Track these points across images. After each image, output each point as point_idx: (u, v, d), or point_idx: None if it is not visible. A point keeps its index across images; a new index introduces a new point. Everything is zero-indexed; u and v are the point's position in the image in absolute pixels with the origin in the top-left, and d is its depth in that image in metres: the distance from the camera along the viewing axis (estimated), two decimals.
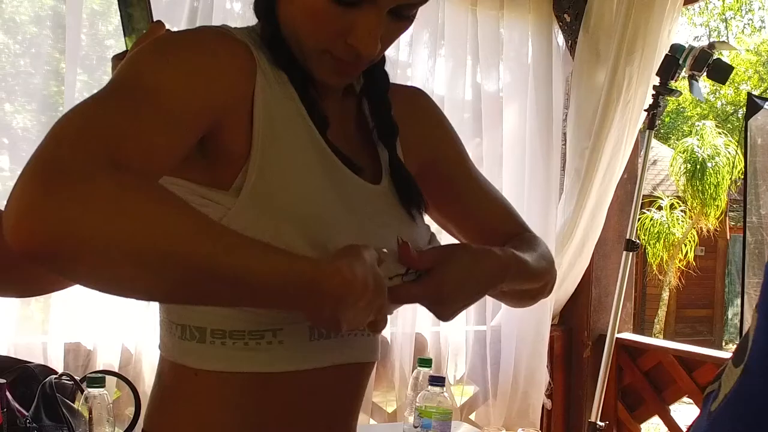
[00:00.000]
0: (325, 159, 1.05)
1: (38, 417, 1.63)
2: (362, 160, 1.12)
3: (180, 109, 0.91)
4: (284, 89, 1.05)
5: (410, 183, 1.16)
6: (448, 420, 2.00)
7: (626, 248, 3.14)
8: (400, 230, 1.09)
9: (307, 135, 1.05)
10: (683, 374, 3.21)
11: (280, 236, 0.94)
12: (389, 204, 1.13)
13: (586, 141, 3.26)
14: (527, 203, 3.27)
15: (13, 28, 2.52)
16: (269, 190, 0.98)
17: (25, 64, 2.51)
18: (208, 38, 1.00)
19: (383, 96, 1.18)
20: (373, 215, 1.09)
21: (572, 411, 3.56)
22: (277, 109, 1.02)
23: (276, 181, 0.99)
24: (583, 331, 3.50)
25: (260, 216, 0.96)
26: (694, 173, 13.11)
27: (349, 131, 1.17)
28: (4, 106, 2.46)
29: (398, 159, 1.17)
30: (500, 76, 3.28)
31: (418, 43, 3.09)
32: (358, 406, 1.19)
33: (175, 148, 0.91)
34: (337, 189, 1.05)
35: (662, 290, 13.97)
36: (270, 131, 1.00)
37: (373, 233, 1.05)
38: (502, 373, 3.27)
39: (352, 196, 1.07)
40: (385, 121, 1.17)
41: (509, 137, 3.29)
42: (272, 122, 1.01)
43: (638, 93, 3.18)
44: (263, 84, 1.02)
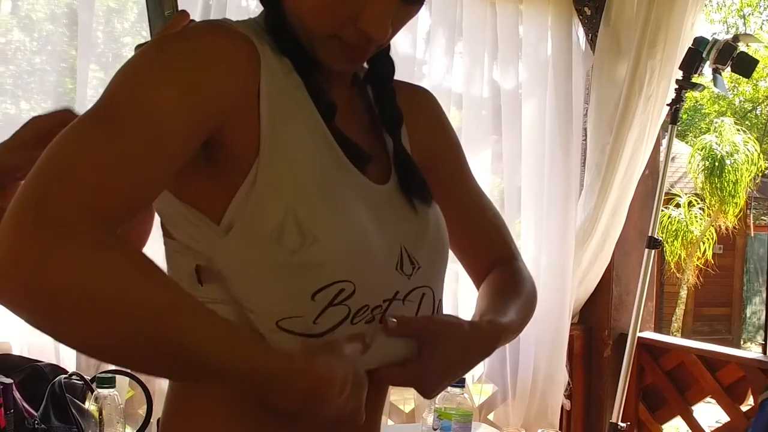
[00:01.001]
0: (332, 152, 1.01)
1: (47, 418, 1.59)
2: (372, 149, 1.08)
3: (172, 132, 0.87)
4: (289, 79, 1.01)
5: (414, 173, 1.12)
6: (468, 422, 1.95)
7: (648, 246, 3.08)
8: (401, 232, 1.06)
9: (314, 126, 1.01)
10: (706, 374, 3.15)
11: (285, 228, 0.92)
12: (392, 204, 1.08)
13: (606, 136, 3.20)
14: (546, 200, 3.22)
15: (29, 25, 2.51)
16: (278, 185, 0.94)
17: (41, 61, 2.49)
18: (204, 40, 0.94)
19: (388, 83, 1.15)
20: (377, 215, 1.04)
21: (592, 411, 3.50)
22: (283, 101, 0.98)
23: (284, 175, 0.95)
24: (604, 330, 3.44)
25: (269, 208, 0.93)
26: (713, 170, 13.00)
27: (358, 119, 1.13)
28: (20, 103, 2.45)
29: (403, 148, 1.13)
30: (519, 70, 3.22)
31: (435, 36, 3.04)
32: (381, 408, 1.15)
33: (167, 172, 0.89)
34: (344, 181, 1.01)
35: (680, 288, 13.86)
36: (276, 127, 0.96)
37: (376, 231, 1.02)
38: (521, 372, 3.21)
39: (357, 190, 1.03)
40: (390, 109, 1.14)
41: (528, 132, 3.23)
42: (278, 117, 0.97)
43: (660, 87, 3.12)
44: (268, 77, 0.97)
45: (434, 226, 1.13)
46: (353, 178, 1.03)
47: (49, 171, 0.80)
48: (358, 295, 0.96)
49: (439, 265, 1.11)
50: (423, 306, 1.06)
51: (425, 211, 1.12)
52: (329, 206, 0.97)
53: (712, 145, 13.08)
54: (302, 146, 0.98)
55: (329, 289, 0.94)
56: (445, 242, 1.15)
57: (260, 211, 0.93)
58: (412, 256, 1.05)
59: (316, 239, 0.93)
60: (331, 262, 0.94)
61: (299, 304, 0.94)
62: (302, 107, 1.00)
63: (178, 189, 0.97)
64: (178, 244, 1.00)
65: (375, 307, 0.99)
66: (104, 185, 0.81)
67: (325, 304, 0.95)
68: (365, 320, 0.98)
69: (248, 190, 0.93)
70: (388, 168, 1.11)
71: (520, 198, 3.23)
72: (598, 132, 3.26)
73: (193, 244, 0.97)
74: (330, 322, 0.95)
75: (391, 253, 1.02)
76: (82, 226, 0.76)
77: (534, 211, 3.23)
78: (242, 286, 0.95)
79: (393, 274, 1.02)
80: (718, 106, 20.45)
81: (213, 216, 0.95)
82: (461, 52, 3.10)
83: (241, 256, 0.94)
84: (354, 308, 0.97)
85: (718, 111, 19.93)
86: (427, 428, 2.13)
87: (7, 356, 1.93)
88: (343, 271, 0.95)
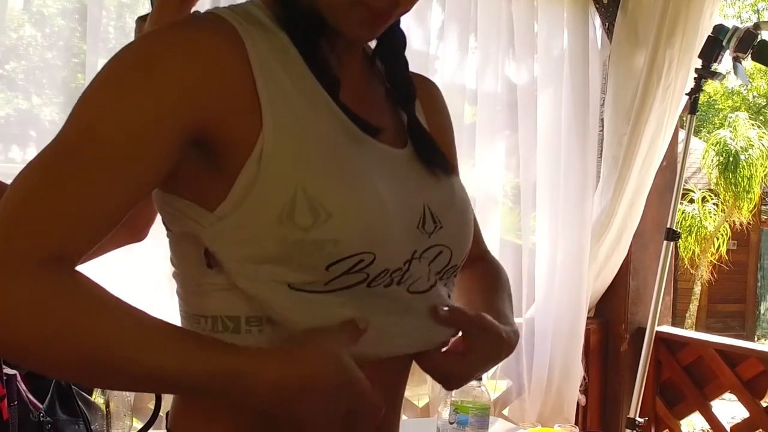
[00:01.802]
0: (340, 124, 0.97)
1: (53, 410, 1.55)
2: (387, 122, 1.05)
3: (132, 159, 0.86)
4: (288, 56, 0.97)
5: (431, 143, 1.09)
6: (485, 416, 1.90)
7: (667, 238, 3.03)
8: (424, 191, 1.03)
9: (318, 100, 0.96)
10: (725, 369, 3.11)
11: (296, 205, 0.88)
12: (412, 167, 1.05)
13: (624, 127, 3.15)
14: (563, 192, 3.17)
15: (41, 21, 2.50)
16: (284, 163, 0.90)
17: (52, 56, 2.47)
18: (176, 45, 0.90)
19: (401, 54, 1.12)
20: (397, 177, 1.01)
21: (608, 407, 3.46)
22: (280, 80, 0.94)
23: (289, 152, 0.91)
24: (621, 324, 3.39)
25: (276, 187, 0.89)
26: (727, 165, 12.92)
27: (373, 93, 1.10)
28: (32, 98, 2.43)
29: (417, 120, 1.10)
30: (535, 61, 3.17)
31: (448, 32, 2.98)
32: (401, 398, 1.11)
33: (131, 196, 0.88)
34: (356, 151, 0.97)
35: (694, 284, 13.77)
36: (276, 107, 0.92)
37: (396, 193, 0.98)
38: (536, 367, 3.16)
39: (371, 158, 0.99)
40: (404, 81, 1.11)
41: (544, 124, 3.18)
42: (277, 97, 0.93)
43: (679, 76, 3.07)
44: (258, 60, 0.92)
45: (460, 194, 1.10)
46: (366, 147, 0.99)
47: (4, 211, 0.83)
48: (378, 263, 0.93)
49: (464, 230, 1.09)
50: (436, 263, 1.03)
51: (449, 180, 1.09)
52: (340, 179, 0.93)
53: (727, 141, 12.99)
54: (306, 121, 0.94)
55: (347, 261, 0.91)
56: (471, 212, 1.12)
57: (267, 192, 0.89)
58: (436, 215, 1.02)
59: (329, 216, 0.89)
60: (348, 238, 0.91)
61: (312, 275, 0.91)
62: (303, 83, 0.96)
63: (168, 184, 0.94)
64: (178, 235, 0.98)
65: (395, 270, 0.96)
66: (52, 228, 0.83)
67: (340, 273, 0.92)
68: (384, 284, 0.96)
69: (253, 172, 0.89)
70: (405, 138, 1.08)
71: (536, 191, 3.18)
72: (615, 123, 3.21)
73: (193, 232, 0.94)
74: (344, 283, 0.93)
75: (412, 213, 1.00)
76: (29, 268, 0.80)
77: (549, 204, 3.18)
78: (249, 271, 0.92)
79: (413, 233, 0.99)
80: (731, 101, 20.35)
81: (208, 204, 0.91)
82: (475, 46, 3.04)
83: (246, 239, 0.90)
84: (373, 274, 0.94)
85: (731, 106, 19.82)
86: (442, 422, 2.09)
87: None
88: (362, 245, 0.92)
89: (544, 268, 3.18)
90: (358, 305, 0.94)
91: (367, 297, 0.95)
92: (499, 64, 3.07)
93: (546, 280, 3.18)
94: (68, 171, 0.84)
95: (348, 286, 0.93)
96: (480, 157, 2.97)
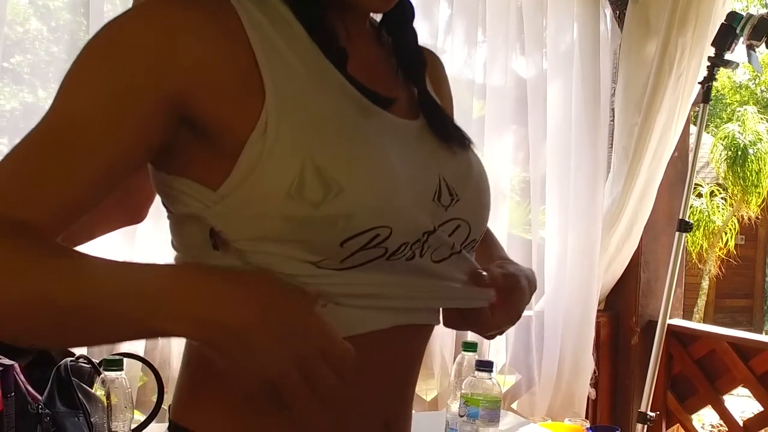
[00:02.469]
0: (348, 96, 0.93)
1: (52, 402, 1.51)
2: (399, 94, 1.02)
3: (115, 129, 0.84)
4: (290, 29, 0.93)
5: (444, 115, 1.07)
6: (497, 409, 1.86)
7: (679, 229, 2.98)
8: (440, 163, 1.00)
9: (324, 72, 0.93)
10: (738, 362, 3.06)
11: (306, 179, 0.84)
12: (425, 139, 1.02)
13: (635, 117, 3.10)
14: (573, 183, 3.12)
15: (47, 14, 2.49)
16: (290, 135, 0.86)
17: (58, 50, 2.47)
18: (157, 19, 0.86)
19: (409, 26, 1.09)
20: (410, 148, 0.97)
21: (618, 401, 3.42)
22: (282, 53, 0.90)
23: (296, 124, 0.87)
24: (631, 316, 3.35)
25: (284, 161, 0.85)
26: (735, 160, 12.88)
27: (383, 66, 1.06)
28: (38, 92, 2.42)
29: (428, 93, 1.07)
30: (544, 49, 3.12)
31: (455, 26, 2.93)
32: (416, 375, 1.08)
33: (113, 172, 0.86)
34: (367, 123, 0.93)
35: (701, 279, 13.71)
36: (278, 81, 0.88)
37: (411, 165, 0.95)
38: (546, 360, 3.12)
39: (383, 130, 0.95)
40: (413, 52, 1.08)
41: (554, 115, 3.13)
42: (279, 70, 0.89)
43: (691, 65, 3.02)
44: (258, 34, 0.89)
45: (477, 166, 1.07)
46: (377, 119, 0.95)
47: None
48: (395, 236, 0.90)
49: (481, 204, 1.06)
50: (454, 237, 1.00)
51: (465, 153, 1.06)
52: (351, 151, 0.89)
53: (735, 135, 12.93)
54: (312, 94, 0.90)
55: (361, 237, 0.87)
56: (488, 185, 1.09)
57: (274, 166, 0.85)
58: (452, 188, 0.99)
59: (341, 189, 0.85)
60: (361, 212, 0.87)
61: (325, 253, 0.88)
62: (308, 56, 0.92)
63: (168, 164, 0.92)
64: (181, 216, 0.94)
65: (414, 242, 0.93)
66: (20, 196, 0.82)
67: (355, 249, 0.88)
68: (406, 257, 0.93)
69: (258, 147, 0.85)
70: (416, 111, 1.04)
71: (545, 184, 3.13)
72: (625, 113, 3.16)
73: (196, 212, 0.90)
74: (361, 260, 0.89)
75: (427, 185, 0.97)
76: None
77: (559, 196, 3.13)
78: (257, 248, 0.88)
79: (429, 205, 0.96)
80: (739, 96, 20.24)
81: (211, 182, 0.88)
82: (483, 37, 2.99)
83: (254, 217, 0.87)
84: (392, 248, 0.90)
85: (739, 101, 19.73)
86: (452, 416, 2.05)
87: None
88: (377, 219, 0.88)
89: (554, 261, 3.14)
90: (381, 277, 0.92)
91: (390, 268, 0.92)
92: (507, 57, 3.02)
93: (556, 273, 3.13)
94: (44, 145, 0.83)
95: (365, 262, 0.89)
96: (488, 151, 2.92)
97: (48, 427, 1.50)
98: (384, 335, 0.95)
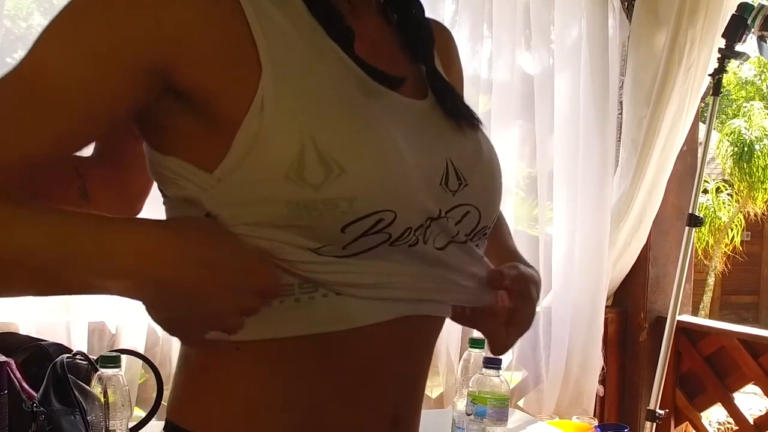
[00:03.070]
0: (352, 75, 0.88)
1: (47, 400, 1.46)
2: (405, 73, 0.96)
3: (87, 89, 0.80)
4: (290, 6, 0.88)
5: (453, 93, 1.02)
6: (505, 407, 1.81)
7: (689, 223, 2.93)
8: (447, 145, 0.95)
9: (326, 51, 0.88)
10: (749, 359, 3.00)
11: (306, 159, 0.80)
12: (432, 120, 0.97)
13: (644, 110, 3.05)
14: (581, 176, 3.06)
15: (49, 9, 2.47)
16: (289, 113, 0.82)
17: None
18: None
19: (416, 1, 1.04)
20: (416, 129, 0.92)
21: (626, 398, 3.37)
22: (284, 29, 0.85)
23: (295, 101, 0.83)
24: (639, 313, 3.30)
25: (282, 140, 0.81)
26: (741, 155, 12.85)
27: (386, 41, 1.01)
28: None
29: (436, 70, 1.02)
30: (552, 41, 3.07)
31: (461, 21, 2.88)
32: (425, 369, 1.03)
33: (78, 132, 0.83)
34: (370, 102, 0.89)
35: (707, 276, 13.67)
36: (280, 58, 0.83)
37: (417, 147, 0.90)
38: (554, 357, 3.07)
39: (388, 111, 0.90)
40: (420, 28, 1.03)
41: (562, 107, 3.08)
42: (280, 46, 0.84)
43: (701, 57, 2.96)
44: (253, 8, 0.84)
45: (488, 148, 1.02)
46: (382, 98, 0.90)
47: None
48: (399, 221, 0.85)
49: (492, 187, 1.01)
50: (463, 224, 0.95)
51: (475, 134, 1.01)
52: (353, 130, 0.84)
53: (741, 130, 12.89)
54: (313, 71, 0.85)
55: (364, 221, 0.83)
56: (500, 168, 1.04)
57: (273, 146, 0.80)
58: (459, 172, 0.94)
59: (342, 170, 0.80)
60: (364, 195, 0.82)
61: (325, 239, 0.83)
62: (309, 33, 0.88)
63: (161, 143, 0.87)
64: (176, 200, 0.89)
65: (417, 228, 0.88)
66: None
67: (358, 235, 0.83)
68: (409, 243, 0.87)
69: (255, 126, 0.80)
70: (424, 90, 0.99)
71: (552, 179, 3.08)
72: (634, 106, 3.10)
73: (192, 196, 0.85)
74: (363, 246, 0.84)
75: (434, 168, 0.92)
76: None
77: (567, 191, 3.08)
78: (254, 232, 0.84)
79: (436, 190, 0.91)
80: (745, 91, 20.18)
81: (206, 164, 0.83)
82: (489, 32, 2.94)
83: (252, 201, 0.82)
84: (396, 233, 0.85)
85: (745, 96, 19.67)
86: (458, 414, 2.00)
87: (12, 335, 1.82)
88: (380, 202, 0.83)
89: (561, 256, 3.09)
90: (385, 265, 0.87)
91: (393, 254, 0.87)
92: (513, 52, 2.96)
93: (564, 269, 3.08)
94: (12, 90, 0.79)
95: (368, 249, 0.85)
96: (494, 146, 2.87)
97: (43, 426, 1.46)
98: (390, 327, 0.90)
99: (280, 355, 0.88)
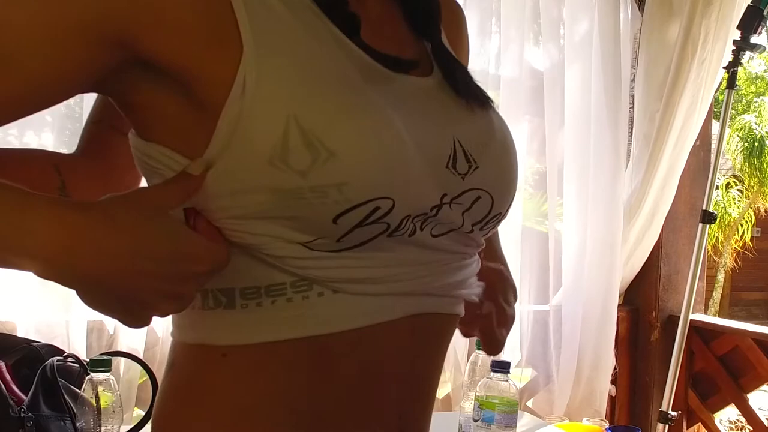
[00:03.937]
0: (352, 60, 0.81)
1: (36, 405, 1.40)
2: (409, 50, 0.91)
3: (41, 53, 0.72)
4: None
5: (462, 70, 0.95)
6: (513, 413, 1.74)
7: (702, 220, 2.86)
8: (454, 124, 0.87)
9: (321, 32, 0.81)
10: (764, 359, 2.94)
11: (289, 142, 0.73)
12: (437, 97, 0.89)
13: (656, 104, 2.98)
14: (592, 172, 3.01)
15: None
16: (275, 89, 0.75)
17: None
18: None
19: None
20: (418, 107, 0.85)
21: (637, 398, 3.30)
22: (272, 5, 0.78)
23: (283, 80, 0.75)
24: (651, 311, 3.23)
25: (264, 122, 0.74)
26: (752, 151, 12.78)
27: (389, 15, 0.93)
28: None
29: (443, 46, 0.95)
30: (562, 34, 3.01)
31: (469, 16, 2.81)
32: (436, 370, 0.95)
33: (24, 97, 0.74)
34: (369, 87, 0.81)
35: (717, 272, 13.60)
36: (263, 33, 0.76)
37: (420, 127, 0.82)
38: (564, 356, 3.01)
39: (393, 93, 0.83)
40: (426, 3, 0.95)
41: (572, 101, 3.02)
42: (265, 22, 0.77)
43: (716, 49, 2.90)
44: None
45: (501, 128, 0.94)
46: (391, 83, 0.83)
47: None
48: (398, 210, 0.77)
49: (506, 171, 0.93)
50: (474, 211, 0.88)
51: (486, 113, 0.93)
52: (343, 107, 0.77)
53: (752, 126, 12.82)
54: (302, 48, 0.78)
55: (358, 210, 0.75)
56: (515, 150, 0.96)
57: (254, 128, 0.73)
58: (469, 153, 0.86)
59: (331, 154, 0.73)
60: (357, 180, 0.74)
61: (316, 231, 0.76)
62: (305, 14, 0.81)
63: (145, 129, 0.80)
64: None
65: (417, 216, 0.81)
66: None
67: (352, 226, 0.76)
68: (408, 233, 0.80)
69: (237, 108, 0.73)
70: (429, 66, 0.92)
71: (562, 175, 3.02)
72: (646, 99, 3.04)
73: None
74: (359, 239, 0.77)
75: (438, 149, 0.84)
76: None
77: (578, 186, 3.02)
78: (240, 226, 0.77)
79: (441, 173, 0.83)
80: (755, 87, 20.08)
81: (191, 152, 0.76)
82: (497, 27, 2.88)
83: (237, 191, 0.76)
84: (394, 223, 0.78)
85: (755, 92, 19.57)
86: (465, 418, 1.93)
87: (5, 336, 1.76)
88: (377, 189, 0.76)
89: (572, 253, 3.03)
90: (384, 257, 0.80)
91: (393, 247, 0.81)
92: (521, 47, 2.90)
93: (574, 266, 3.02)
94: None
95: (365, 241, 0.78)
96: None
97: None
98: (393, 326, 0.84)
99: (271, 361, 0.81)
